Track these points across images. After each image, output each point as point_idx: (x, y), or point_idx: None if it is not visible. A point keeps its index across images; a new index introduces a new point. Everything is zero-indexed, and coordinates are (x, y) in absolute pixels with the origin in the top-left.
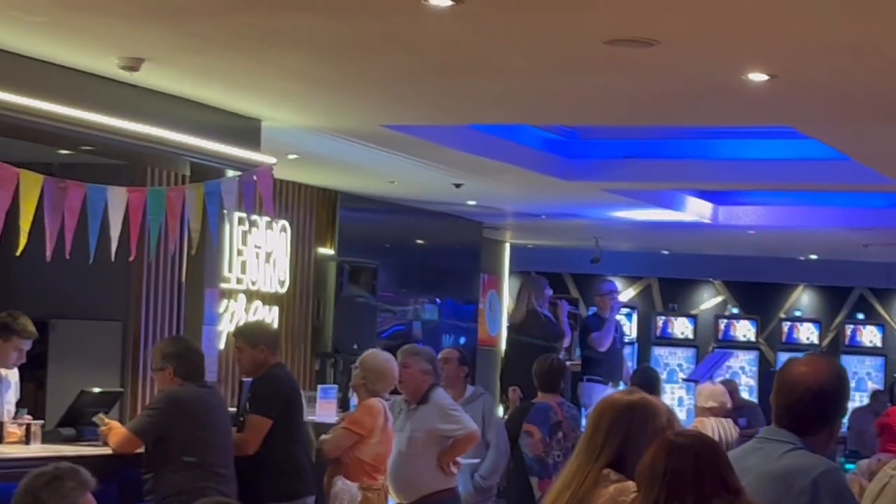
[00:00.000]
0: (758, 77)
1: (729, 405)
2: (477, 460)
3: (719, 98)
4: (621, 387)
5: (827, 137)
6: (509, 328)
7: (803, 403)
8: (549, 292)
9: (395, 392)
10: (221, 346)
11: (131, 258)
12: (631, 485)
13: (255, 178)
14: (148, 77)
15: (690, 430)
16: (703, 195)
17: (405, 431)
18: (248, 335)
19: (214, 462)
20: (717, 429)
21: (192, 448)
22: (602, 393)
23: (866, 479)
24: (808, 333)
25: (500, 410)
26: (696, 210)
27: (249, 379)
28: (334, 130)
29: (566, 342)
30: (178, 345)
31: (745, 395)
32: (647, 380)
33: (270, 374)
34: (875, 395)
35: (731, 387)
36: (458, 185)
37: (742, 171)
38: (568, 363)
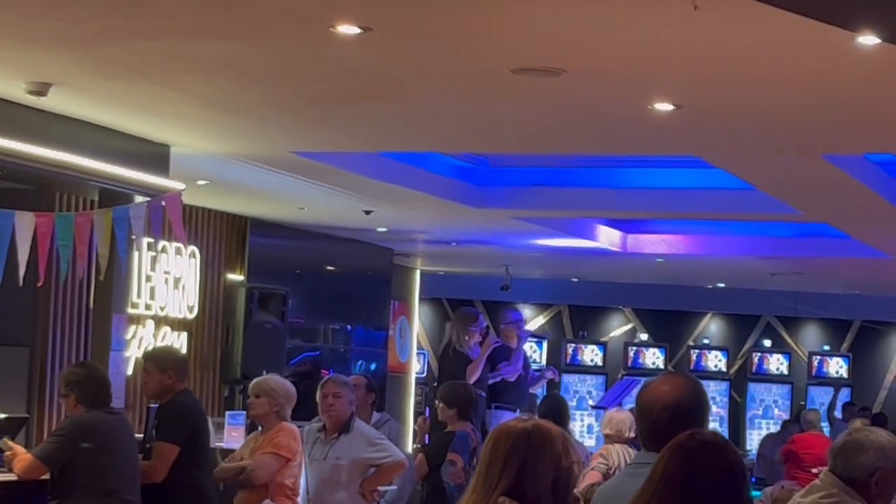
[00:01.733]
0: (663, 107)
1: (627, 433)
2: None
3: (626, 127)
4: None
5: (732, 167)
6: None
7: (662, 422)
8: (482, 325)
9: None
10: (129, 371)
11: (39, 284)
12: None
13: (163, 203)
14: (56, 102)
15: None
16: (613, 223)
17: (328, 460)
18: (156, 360)
19: (121, 489)
20: (623, 455)
21: (99, 475)
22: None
23: None
24: (715, 361)
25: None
26: (606, 238)
27: (156, 405)
28: (244, 156)
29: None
30: (82, 372)
31: None
32: (555, 407)
33: (177, 401)
34: (785, 424)
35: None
36: (367, 212)
37: (650, 199)
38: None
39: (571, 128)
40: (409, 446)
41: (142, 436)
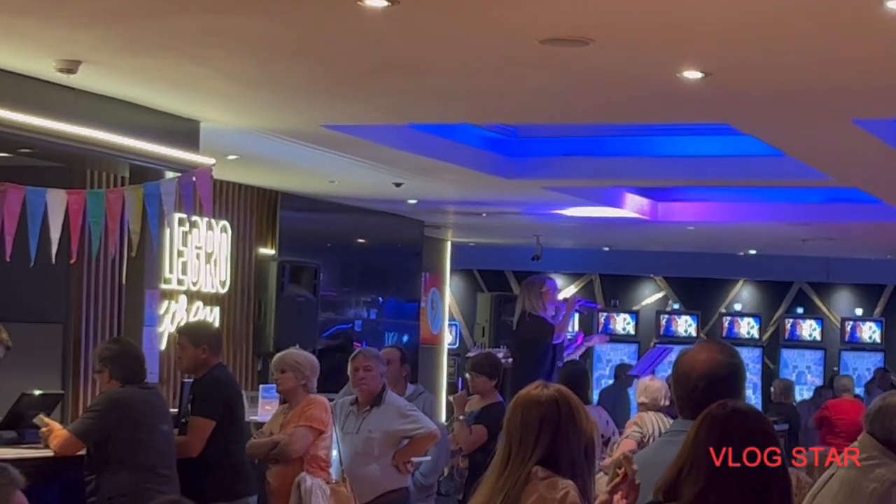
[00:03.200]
0: (692, 75)
1: (663, 401)
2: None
3: (655, 96)
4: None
5: (761, 134)
6: None
7: (699, 390)
8: (552, 290)
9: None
10: (163, 346)
11: (72, 261)
12: (559, 481)
13: (194, 179)
14: (86, 79)
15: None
16: (643, 192)
17: (360, 433)
18: (191, 334)
19: (157, 463)
20: (657, 424)
21: (134, 449)
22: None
23: (804, 473)
24: (748, 328)
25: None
26: (636, 206)
27: (190, 379)
28: (274, 131)
29: (558, 338)
30: (116, 348)
31: None
32: (576, 374)
33: (212, 376)
34: (818, 390)
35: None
36: (398, 185)
37: (680, 167)
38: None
39: (600, 97)
40: (443, 418)
41: (176, 410)
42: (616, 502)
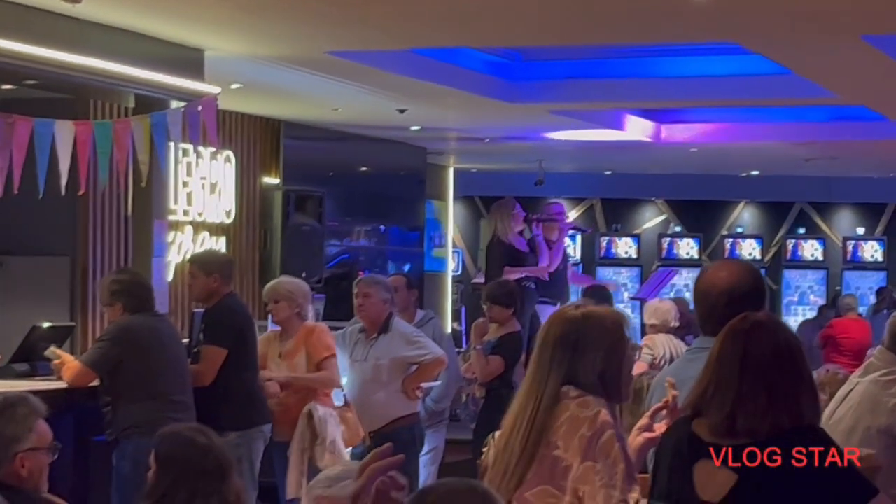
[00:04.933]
0: None
1: (673, 323)
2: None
3: (663, 15)
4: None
5: (770, 52)
6: None
7: (720, 307)
8: (520, 213)
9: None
10: (170, 277)
11: (81, 192)
12: (592, 400)
13: (199, 108)
14: (90, 9)
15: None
16: (647, 114)
17: (368, 360)
18: (202, 263)
19: (171, 390)
20: (668, 346)
21: (147, 377)
22: (552, 314)
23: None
24: (750, 249)
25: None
26: (640, 129)
27: (200, 309)
28: (278, 58)
29: (542, 262)
30: (125, 279)
31: None
32: (600, 298)
33: (223, 304)
34: (821, 309)
35: (680, 305)
36: (401, 111)
37: (685, 88)
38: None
39: (608, 17)
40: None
41: (187, 340)
42: (657, 427)
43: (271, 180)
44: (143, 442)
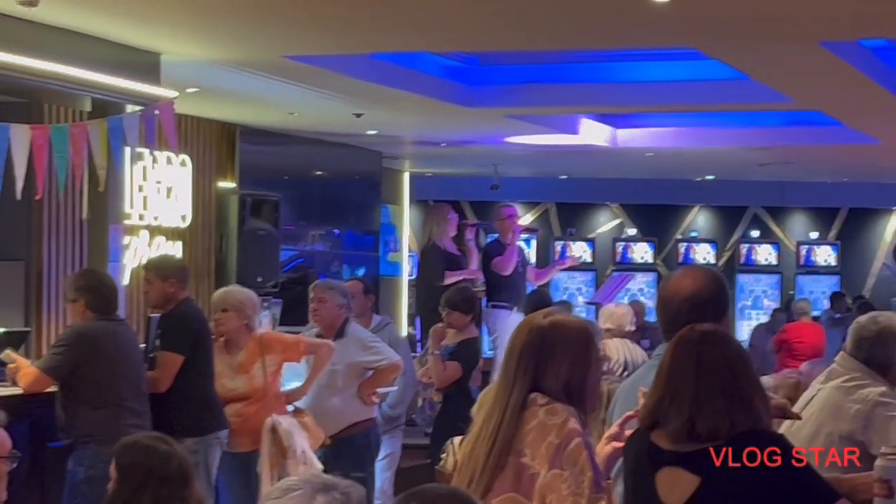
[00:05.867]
0: None
1: (629, 327)
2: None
3: (623, 20)
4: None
5: (728, 58)
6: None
7: (683, 314)
8: (454, 218)
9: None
10: (126, 281)
11: (38, 196)
12: (560, 407)
13: (156, 112)
14: (46, 12)
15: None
16: (603, 118)
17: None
18: (158, 268)
19: (128, 397)
20: (623, 350)
21: (104, 384)
22: (507, 318)
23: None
24: (704, 253)
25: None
26: (596, 134)
27: (157, 315)
28: (235, 62)
29: (472, 266)
30: (93, 277)
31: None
32: (540, 303)
33: (180, 310)
34: (774, 313)
35: (637, 308)
36: (358, 115)
37: (643, 92)
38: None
39: (568, 22)
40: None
41: (143, 345)
42: (626, 435)
43: (227, 184)
44: (100, 450)
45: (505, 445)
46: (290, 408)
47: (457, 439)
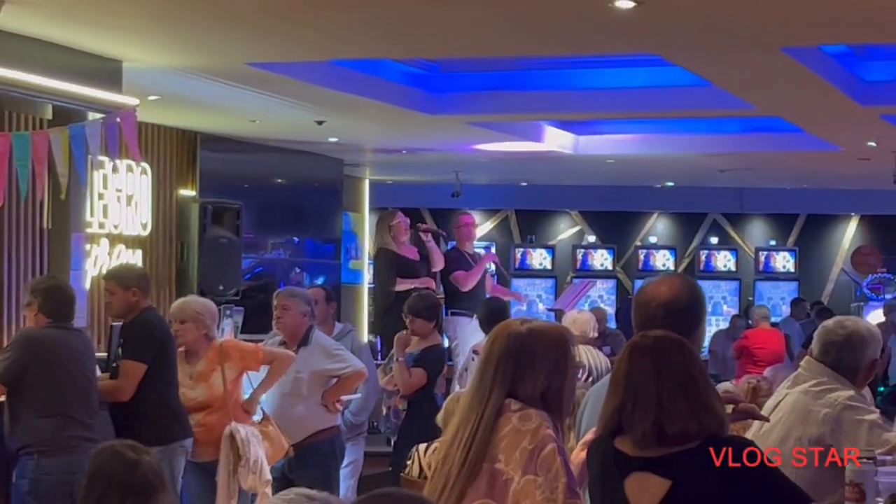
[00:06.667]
0: (624, 4)
1: (592, 334)
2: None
3: (587, 26)
4: None
5: (691, 64)
6: None
7: (657, 320)
8: (404, 222)
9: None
10: (87, 288)
11: None
12: (534, 413)
13: (118, 120)
14: (6, 19)
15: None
16: (565, 125)
17: (289, 374)
18: (119, 277)
19: (77, 407)
20: (587, 357)
21: (52, 392)
22: (467, 325)
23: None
24: (663, 260)
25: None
26: (558, 141)
27: (119, 323)
28: (198, 69)
29: (436, 268)
30: (50, 282)
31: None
32: (496, 312)
33: (142, 319)
34: (733, 320)
35: (599, 314)
36: (319, 123)
37: (604, 99)
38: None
39: (531, 28)
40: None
41: (105, 354)
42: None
43: (188, 192)
44: (43, 461)
45: (480, 452)
46: (257, 416)
47: (422, 446)
